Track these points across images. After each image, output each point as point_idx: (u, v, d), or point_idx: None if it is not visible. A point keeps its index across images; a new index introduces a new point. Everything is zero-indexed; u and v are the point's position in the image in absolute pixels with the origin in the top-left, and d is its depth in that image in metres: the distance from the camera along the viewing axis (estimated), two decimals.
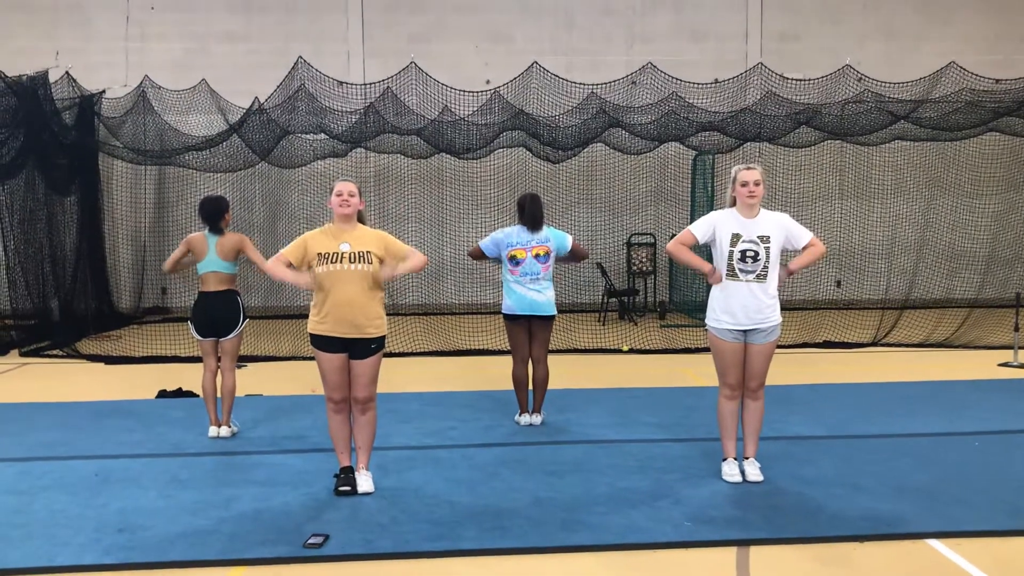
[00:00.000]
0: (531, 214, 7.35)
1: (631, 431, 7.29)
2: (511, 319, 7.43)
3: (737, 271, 5.69)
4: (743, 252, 5.67)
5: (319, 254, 5.59)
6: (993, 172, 15.13)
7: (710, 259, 5.91)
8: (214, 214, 7.19)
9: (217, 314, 7.10)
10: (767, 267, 5.68)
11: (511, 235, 7.38)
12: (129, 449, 6.89)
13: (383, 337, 5.76)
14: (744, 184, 5.70)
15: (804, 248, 5.82)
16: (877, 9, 16.40)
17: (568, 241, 7.47)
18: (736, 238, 5.68)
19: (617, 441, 6.98)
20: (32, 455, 6.72)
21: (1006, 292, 13.57)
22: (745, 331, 5.75)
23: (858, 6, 16.41)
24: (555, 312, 7.44)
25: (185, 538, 5.01)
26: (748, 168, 5.76)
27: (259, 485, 5.94)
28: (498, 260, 7.45)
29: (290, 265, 5.69)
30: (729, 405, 5.90)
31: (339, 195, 5.66)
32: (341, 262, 5.56)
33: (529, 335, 7.45)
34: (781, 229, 5.75)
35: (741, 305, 5.69)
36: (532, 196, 7.47)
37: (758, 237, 5.68)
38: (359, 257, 5.58)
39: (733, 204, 5.82)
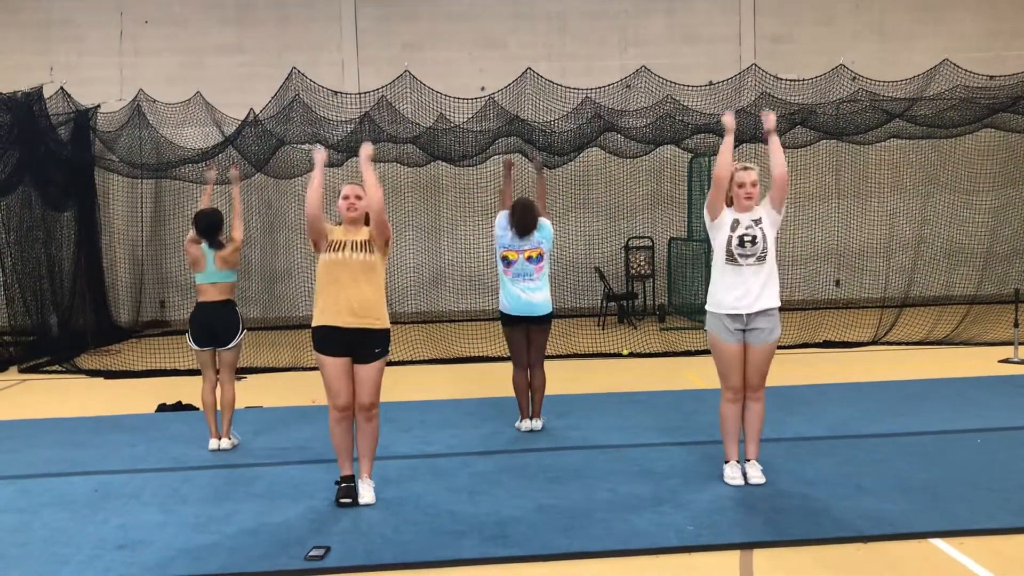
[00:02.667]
0: (520, 223, 7.34)
1: (632, 436, 7.27)
2: (508, 323, 7.42)
3: (737, 256, 5.74)
4: (741, 237, 5.73)
5: (328, 240, 5.66)
6: (989, 168, 15.14)
7: (708, 258, 5.96)
8: (211, 228, 7.18)
9: (215, 324, 7.08)
10: (765, 249, 5.74)
11: (506, 232, 7.39)
12: (129, 464, 6.87)
13: (387, 336, 5.73)
14: (741, 185, 5.77)
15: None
16: (869, 9, 16.42)
17: (550, 229, 7.51)
18: (736, 223, 5.78)
19: (618, 446, 6.97)
20: (31, 472, 6.70)
21: (1005, 288, 13.57)
22: (744, 328, 5.75)
23: (850, 6, 16.43)
24: (551, 311, 7.41)
25: (186, 553, 4.99)
26: (745, 169, 5.81)
27: (260, 498, 5.92)
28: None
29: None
30: (731, 408, 5.89)
31: (346, 198, 5.72)
32: (343, 250, 5.61)
33: (527, 339, 7.44)
34: (761, 207, 5.86)
35: (744, 290, 5.72)
36: (524, 205, 7.43)
37: (752, 221, 5.78)
38: (361, 246, 5.63)
39: (730, 204, 5.83)
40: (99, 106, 14.35)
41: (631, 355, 11.65)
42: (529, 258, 7.32)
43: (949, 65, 13.25)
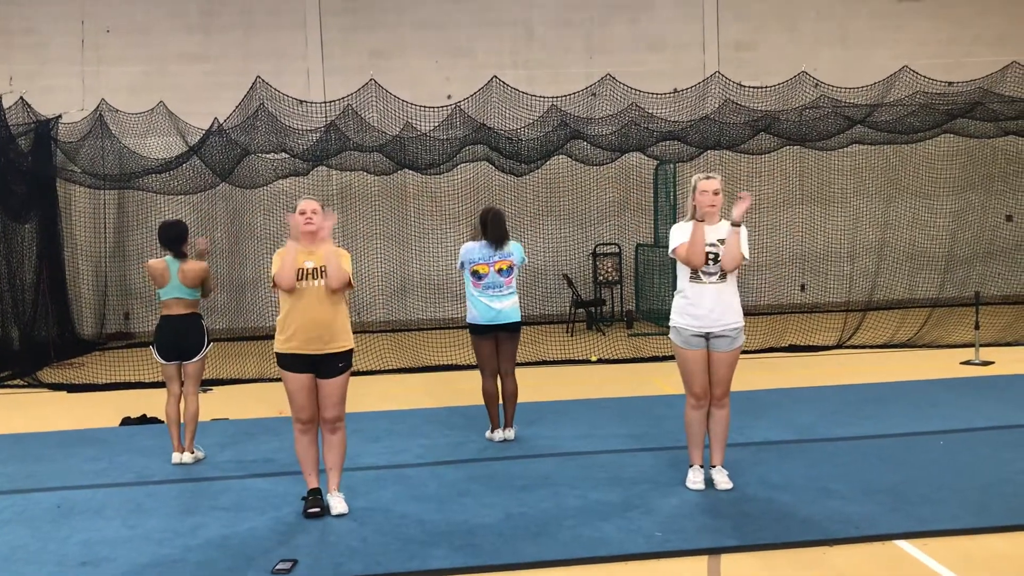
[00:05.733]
0: (495, 232, 7.31)
1: (601, 442, 7.29)
2: (476, 332, 7.38)
3: (700, 273, 5.78)
4: (705, 255, 5.73)
5: None
6: (950, 173, 15.37)
7: (674, 265, 5.99)
8: (175, 239, 7.12)
9: (181, 337, 7.02)
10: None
11: (473, 251, 7.34)
12: (92, 479, 6.77)
13: (350, 353, 5.73)
14: (704, 193, 5.81)
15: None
16: (831, 16, 16.62)
17: (523, 252, 7.50)
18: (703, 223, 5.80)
19: (587, 453, 6.98)
20: None
21: (966, 291, 13.77)
22: (707, 336, 5.79)
23: (812, 14, 16.63)
24: (519, 319, 7.39)
25: (151, 568, 4.93)
26: (708, 178, 5.87)
27: (226, 511, 5.86)
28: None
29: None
30: (695, 414, 5.92)
31: (303, 213, 5.67)
32: (305, 279, 5.56)
33: (496, 347, 7.41)
34: (724, 232, 5.85)
35: (708, 308, 5.76)
36: (495, 213, 7.40)
37: (717, 240, 5.81)
38: (321, 272, 5.57)
39: (694, 214, 5.87)
40: (61, 116, 14.16)
41: (600, 361, 11.68)
42: (500, 270, 7.29)
43: (909, 71, 13.45)
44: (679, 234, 5.88)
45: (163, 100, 13.73)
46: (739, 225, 5.79)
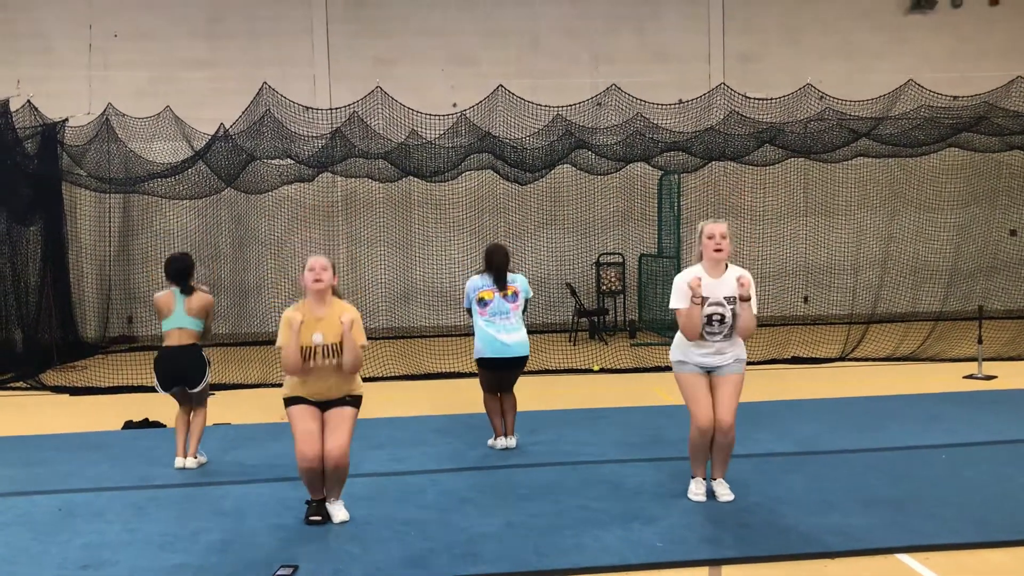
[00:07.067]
0: (498, 269, 7.28)
1: (603, 452, 7.28)
2: (485, 367, 7.34)
3: (704, 334, 5.70)
4: (709, 316, 5.68)
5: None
6: (954, 186, 15.39)
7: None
8: (182, 272, 7.13)
9: (181, 368, 7.05)
10: (733, 328, 5.73)
11: (476, 282, 7.36)
12: (94, 482, 6.78)
13: (359, 398, 5.77)
14: (711, 236, 5.68)
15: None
16: (836, 29, 16.66)
17: (528, 284, 7.47)
18: (703, 302, 5.65)
19: (589, 462, 6.97)
20: None
21: (969, 304, 13.77)
22: (711, 369, 5.79)
23: (817, 26, 16.67)
24: (527, 354, 7.35)
25: (152, 573, 4.93)
26: (715, 222, 5.76)
27: (227, 516, 5.86)
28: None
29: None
30: (700, 440, 5.83)
31: (311, 270, 5.57)
32: (315, 358, 5.52)
33: (500, 379, 7.38)
34: (734, 287, 5.70)
35: (707, 360, 5.75)
36: (500, 250, 7.37)
37: (724, 299, 5.68)
38: (332, 351, 5.54)
39: (700, 259, 5.80)
40: (67, 120, 14.20)
41: (602, 371, 11.68)
42: (505, 296, 7.29)
43: (914, 85, 13.47)
44: (680, 294, 5.70)
45: (169, 105, 13.79)
46: (748, 300, 5.66)
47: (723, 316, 5.66)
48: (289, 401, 5.67)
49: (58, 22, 15.82)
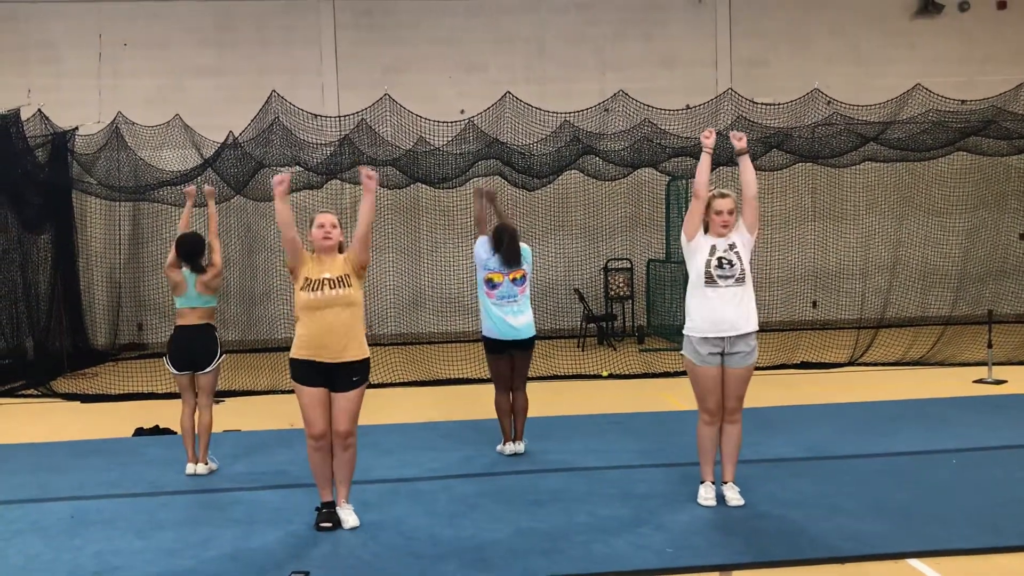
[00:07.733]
0: (508, 252, 7.35)
1: (611, 458, 7.29)
2: (492, 349, 7.42)
3: (716, 277, 5.78)
4: (720, 259, 5.80)
5: (306, 278, 5.60)
6: (962, 191, 15.35)
7: (686, 279, 6.00)
8: (192, 253, 7.17)
9: (194, 348, 7.06)
10: (743, 270, 5.80)
11: (482, 252, 7.45)
12: (105, 489, 6.81)
13: (366, 365, 5.72)
14: (719, 212, 5.82)
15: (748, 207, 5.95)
16: (843, 34, 16.65)
17: (530, 254, 7.57)
18: (713, 248, 5.83)
19: (598, 468, 6.98)
20: (6, 498, 6.62)
21: (979, 309, 13.72)
22: (723, 353, 5.79)
23: (824, 31, 16.66)
24: (534, 334, 7.45)
25: None
26: (722, 196, 5.84)
27: (238, 523, 5.89)
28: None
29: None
30: (708, 430, 5.92)
31: (321, 227, 5.67)
32: (322, 289, 5.56)
33: (511, 364, 7.44)
34: (736, 232, 5.90)
35: (723, 314, 5.76)
36: (510, 233, 7.43)
37: (728, 245, 5.85)
38: (339, 282, 5.59)
39: (707, 230, 5.88)
40: (77, 128, 14.28)
41: (610, 376, 11.68)
42: (514, 280, 7.37)
43: (922, 89, 13.45)
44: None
45: (179, 113, 13.84)
46: (744, 154, 5.96)
47: (731, 260, 5.79)
48: (296, 368, 5.65)
49: (68, 32, 15.92)
